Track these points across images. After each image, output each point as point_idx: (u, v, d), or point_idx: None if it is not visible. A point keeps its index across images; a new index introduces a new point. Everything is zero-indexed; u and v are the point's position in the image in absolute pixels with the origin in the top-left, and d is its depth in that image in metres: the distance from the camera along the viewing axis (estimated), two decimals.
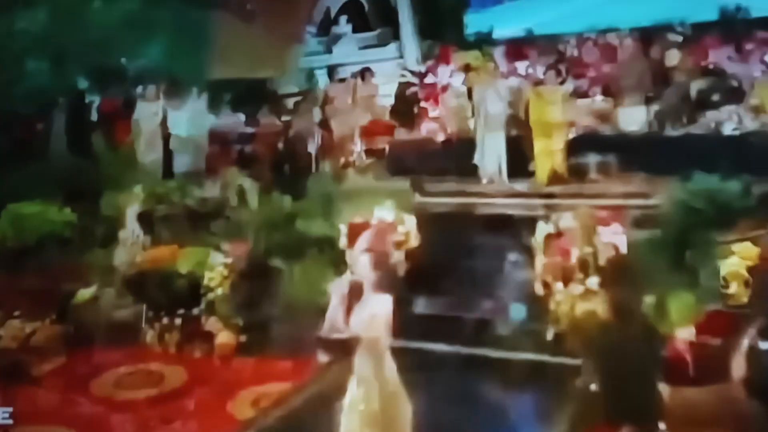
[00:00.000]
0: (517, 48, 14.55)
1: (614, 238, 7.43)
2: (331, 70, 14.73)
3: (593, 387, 5.56)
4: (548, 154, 10.40)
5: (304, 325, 8.16)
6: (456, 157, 11.34)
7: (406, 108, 14.15)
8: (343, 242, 8.62)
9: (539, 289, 7.57)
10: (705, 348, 6.20)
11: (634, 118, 11.16)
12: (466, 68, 14.03)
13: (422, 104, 14.01)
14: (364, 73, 14.12)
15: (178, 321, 8.70)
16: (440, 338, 7.98)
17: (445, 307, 8.52)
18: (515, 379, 7.31)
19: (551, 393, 6.98)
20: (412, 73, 14.99)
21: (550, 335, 7.30)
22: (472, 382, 7.55)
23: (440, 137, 12.17)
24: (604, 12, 14.49)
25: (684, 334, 6.28)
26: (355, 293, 5.05)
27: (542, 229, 7.70)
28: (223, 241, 9.33)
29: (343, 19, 16.45)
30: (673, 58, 12.73)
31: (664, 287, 7.16)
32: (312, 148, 13.03)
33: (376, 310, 4.86)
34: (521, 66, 13.94)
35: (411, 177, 10.56)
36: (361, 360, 5.02)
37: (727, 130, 10.37)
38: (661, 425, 5.58)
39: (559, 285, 7.35)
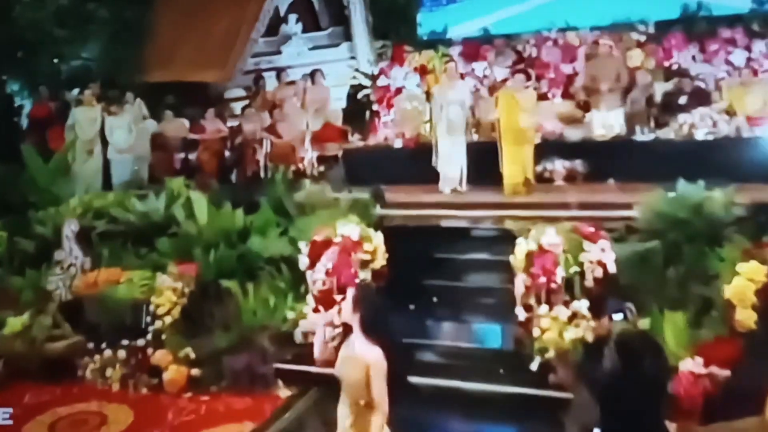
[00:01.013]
0: (473, 48, 14.10)
1: (602, 255, 6.84)
2: (280, 72, 14.00)
3: None
4: (519, 162, 9.84)
5: (262, 356, 7.53)
6: (417, 164, 10.69)
7: (358, 112, 13.66)
8: (303, 262, 7.89)
9: (521, 313, 6.92)
10: (714, 380, 5.64)
11: (611, 121, 10.63)
12: (422, 70, 13.57)
13: (375, 107, 13.51)
14: (315, 75, 13.53)
15: (121, 353, 7.87)
16: (409, 369, 7.30)
17: (415, 334, 7.83)
18: (496, 415, 6.70)
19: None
20: (365, 75, 14.44)
21: (535, 365, 6.64)
22: (447, 419, 6.92)
23: (398, 143, 11.51)
24: (562, 11, 14.17)
25: (689, 365, 5.70)
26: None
27: (523, 246, 7.05)
28: (170, 262, 8.55)
29: (293, 18, 15.82)
30: (635, 58, 12.37)
31: (657, 309, 6.66)
32: (261, 155, 12.47)
33: (365, 360, 4.18)
34: (479, 67, 13.46)
35: (371, 186, 9.83)
36: (343, 409, 4.34)
37: (701, 134, 9.90)
38: None
39: (544, 308, 6.72)
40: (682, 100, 11.16)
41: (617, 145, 10.47)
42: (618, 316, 5.20)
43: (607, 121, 10.78)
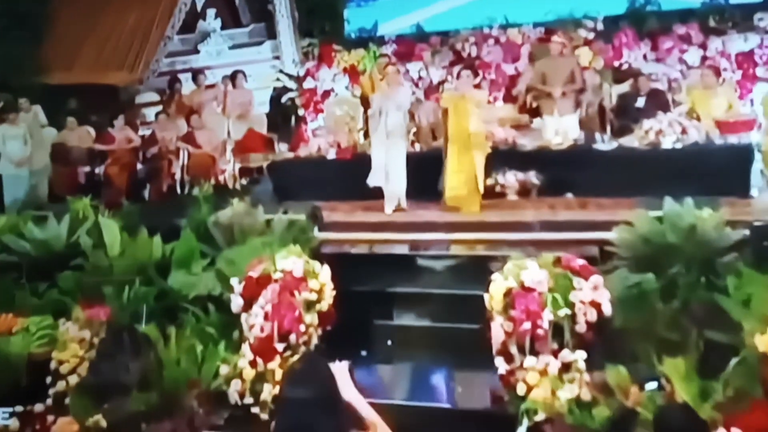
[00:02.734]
0: (408, 47, 13.23)
1: (595, 294, 5.83)
2: (198, 74, 12.96)
3: None
4: (466, 171, 8.87)
5: (190, 421, 6.29)
6: (354, 178, 9.62)
7: (283, 118, 12.95)
8: (237, 303, 6.68)
9: (501, 365, 5.86)
10: None
11: (565, 127, 9.78)
12: (352, 71, 12.64)
13: (301, 113, 12.61)
14: (236, 77, 12.49)
15: (14, 423, 6.47)
16: None
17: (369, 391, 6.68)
18: None
19: None
20: (290, 76, 13.47)
21: (522, 430, 5.59)
22: None
23: (332, 154, 10.39)
24: (500, 6, 13.47)
25: None
26: None
27: (500, 282, 5.99)
28: (74, 304, 7.20)
29: (211, 13, 14.79)
30: (583, 57, 11.68)
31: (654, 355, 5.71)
32: (177, 167, 11.48)
33: None
34: (413, 68, 12.62)
35: (303, 204, 8.68)
36: None
37: (668, 141, 9.06)
38: None
39: (530, 360, 5.68)
40: (640, 102, 10.47)
41: (575, 155, 9.56)
42: (651, 386, 4.27)
43: (561, 127, 9.92)
